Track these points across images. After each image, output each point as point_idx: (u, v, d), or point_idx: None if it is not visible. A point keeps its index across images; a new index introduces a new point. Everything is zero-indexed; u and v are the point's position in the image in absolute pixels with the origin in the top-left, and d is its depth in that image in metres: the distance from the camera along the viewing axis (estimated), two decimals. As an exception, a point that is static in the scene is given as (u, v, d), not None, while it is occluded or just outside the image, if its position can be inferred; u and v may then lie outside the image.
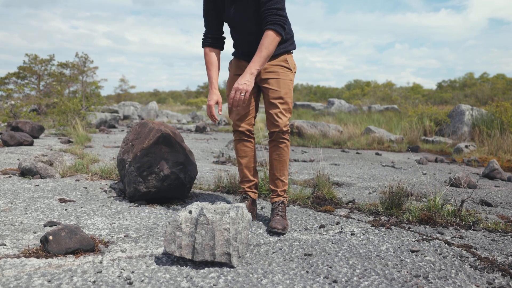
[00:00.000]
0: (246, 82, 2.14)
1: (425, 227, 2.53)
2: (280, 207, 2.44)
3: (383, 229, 2.47)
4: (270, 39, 2.15)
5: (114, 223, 2.29)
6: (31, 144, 5.88)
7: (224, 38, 2.49)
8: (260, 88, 2.46)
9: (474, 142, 8.17)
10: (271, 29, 2.15)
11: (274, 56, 2.35)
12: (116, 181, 3.49)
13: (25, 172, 3.58)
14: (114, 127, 10.56)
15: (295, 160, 5.87)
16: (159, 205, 2.79)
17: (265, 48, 2.16)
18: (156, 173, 2.73)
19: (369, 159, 6.45)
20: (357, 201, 3.18)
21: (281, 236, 2.24)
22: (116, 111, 14.00)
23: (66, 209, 2.52)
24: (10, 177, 3.52)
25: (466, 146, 7.30)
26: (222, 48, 2.49)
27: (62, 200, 2.73)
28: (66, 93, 12.38)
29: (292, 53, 2.47)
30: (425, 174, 4.95)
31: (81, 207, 2.60)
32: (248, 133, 2.48)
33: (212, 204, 1.89)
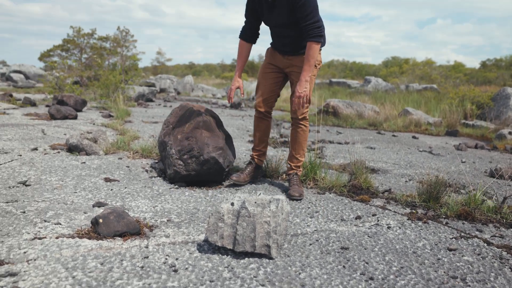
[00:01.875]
0: (305, 89, 2.66)
1: (463, 223, 2.50)
2: (295, 178, 2.92)
3: (420, 223, 2.47)
4: (314, 50, 2.61)
5: (156, 206, 2.40)
6: (75, 118, 6.13)
7: (259, 34, 2.93)
8: (285, 77, 2.94)
9: (519, 128, 7.81)
10: (313, 41, 2.59)
11: (302, 54, 2.74)
12: (156, 160, 3.62)
13: (72, 148, 3.76)
14: (151, 100, 10.78)
15: (330, 142, 5.84)
16: (198, 188, 2.88)
17: (312, 58, 2.62)
18: (196, 157, 2.81)
19: (405, 142, 6.32)
20: (393, 191, 3.17)
21: (318, 227, 2.29)
22: (153, 85, 14.24)
23: (111, 189, 2.65)
24: (59, 152, 3.72)
25: (510, 133, 7.00)
26: (255, 43, 2.94)
27: (107, 180, 2.87)
28: (105, 65, 12.69)
29: (320, 50, 2.80)
30: (464, 162, 4.81)
31: (125, 188, 2.73)
32: (267, 113, 3.00)
33: (252, 194, 1.95)
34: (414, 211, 2.71)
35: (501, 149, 6.34)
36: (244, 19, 2.89)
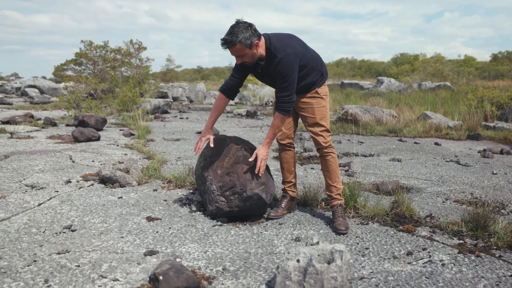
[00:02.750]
0: (265, 153, 2.83)
1: (516, 255, 2.45)
2: (339, 209, 2.90)
3: (473, 257, 2.42)
4: (278, 120, 2.77)
5: (207, 250, 2.38)
6: (98, 139, 6.16)
7: (238, 91, 3.02)
8: (297, 112, 3.02)
9: (542, 129, 7.69)
10: (279, 112, 2.74)
11: (307, 91, 2.88)
12: (190, 190, 3.61)
13: (105, 180, 3.77)
14: (167, 112, 10.80)
15: (356, 155, 5.79)
16: (241, 223, 2.86)
17: (276, 127, 2.80)
18: (239, 193, 2.79)
19: (429, 151, 6.25)
20: (434, 215, 3.12)
21: (373, 268, 2.25)
22: (166, 94, 14.28)
23: (157, 231, 2.64)
24: (92, 184, 3.73)
25: (535, 136, 6.88)
26: (233, 99, 3.03)
27: (149, 219, 2.86)
28: (118, 76, 12.74)
29: (323, 84, 2.93)
30: (495, 174, 4.74)
31: (169, 228, 2.72)
32: (289, 144, 3.11)
33: (311, 244, 1.92)
34: (462, 241, 2.66)
35: (528, 153, 6.24)
36: (232, 73, 2.95)
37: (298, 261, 1.77)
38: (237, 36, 2.52)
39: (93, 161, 4.71)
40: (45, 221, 2.77)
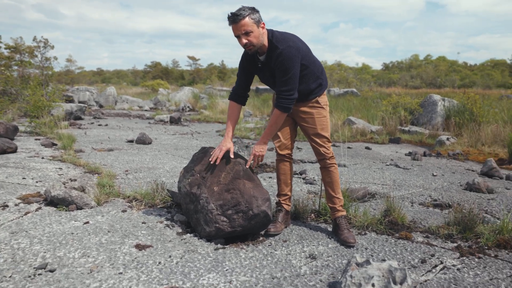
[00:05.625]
0: (262, 149, 2.72)
1: (508, 253, 2.62)
2: (344, 221, 2.82)
3: (476, 259, 2.53)
4: (276, 116, 2.65)
5: (232, 280, 2.09)
6: (15, 151, 5.26)
7: (248, 96, 2.90)
8: (295, 121, 2.91)
9: (449, 132, 8.65)
10: (278, 109, 2.62)
11: (307, 101, 2.77)
12: (163, 208, 3.23)
13: (56, 202, 3.18)
14: (80, 118, 9.72)
15: (301, 161, 5.82)
16: (242, 243, 2.61)
17: (274, 124, 2.68)
18: (244, 212, 2.53)
19: (365, 155, 6.58)
20: (415, 220, 3.22)
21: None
22: (71, 98, 12.90)
23: (159, 262, 2.26)
24: (40, 208, 3.11)
25: (448, 139, 7.70)
26: (244, 104, 2.90)
27: (139, 247, 2.45)
28: (15, 77, 11.13)
29: (323, 94, 2.85)
30: (435, 176, 5.14)
31: (169, 256, 2.35)
32: (287, 156, 2.97)
33: (357, 263, 1.80)
34: (455, 243, 2.77)
35: (445, 154, 6.96)
36: (237, 79, 2.87)
37: (373, 285, 1.62)
38: (246, 11, 2.47)
39: (24, 178, 3.96)
40: (4, 262, 2.19)
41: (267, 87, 17.85)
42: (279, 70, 2.56)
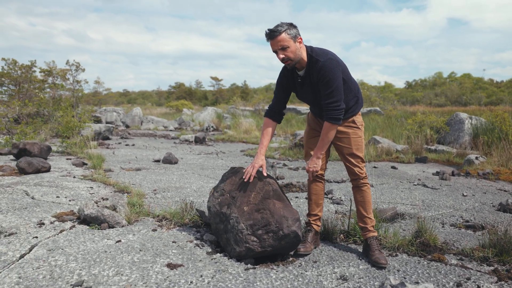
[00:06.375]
0: (315, 164, 2.77)
1: (548, 278, 2.52)
2: (375, 242, 2.78)
3: (515, 284, 2.44)
4: (327, 129, 2.65)
5: (264, 301, 2.09)
6: (48, 170, 5.44)
7: (284, 114, 2.95)
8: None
9: (478, 151, 8.45)
10: (328, 121, 2.62)
11: (344, 119, 2.78)
12: (192, 227, 3.26)
13: (89, 220, 3.26)
14: (108, 138, 10.00)
15: (327, 181, 5.78)
16: (272, 264, 2.61)
17: (325, 137, 2.68)
18: (274, 232, 2.54)
19: (392, 175, 6.49)
20: (447, 241, 3.15)
21: (440, 306, 2.14)
22: (99, 118, 13.31)
23: (191, 282, 2.28)
24: (74, 226, 3.20)
25: (477, 158, 7.52)
26: (279, 122, 2.94)
27: (171, 266, 2.49)
28: (47, 99, 11.59)
29: (359, 113, 2.88)
30: (465, 196, 5.01)
31: (201, 276, 2.37)
32: (320, 176, 3.00)
33: (392, 286, 1.76)
34: (492, 267, 2.69)
35: (474, 174, 6.78)
36: (273, 97, 2.93)
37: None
38: (283, 27, 2.53)
39: (57, 196, 4.09)
40: (43, 278, 2.26)
41: (290, 106, 17.97)
42: (322, 83, 2.59)
